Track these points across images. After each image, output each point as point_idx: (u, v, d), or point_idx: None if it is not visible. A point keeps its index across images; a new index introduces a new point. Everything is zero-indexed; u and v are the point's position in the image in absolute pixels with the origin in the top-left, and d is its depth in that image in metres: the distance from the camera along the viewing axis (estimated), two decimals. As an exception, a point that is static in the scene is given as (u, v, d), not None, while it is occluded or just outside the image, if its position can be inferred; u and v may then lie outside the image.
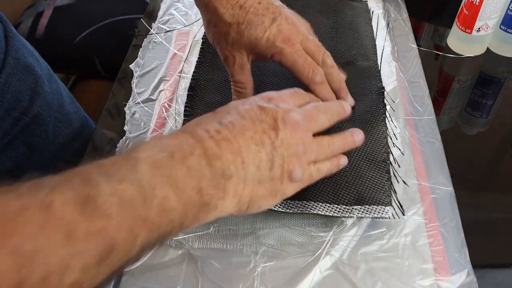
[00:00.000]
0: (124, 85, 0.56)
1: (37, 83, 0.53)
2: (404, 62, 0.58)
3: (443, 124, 0.55)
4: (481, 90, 0.60)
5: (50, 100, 0.56)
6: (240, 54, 0.46)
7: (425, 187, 0.44)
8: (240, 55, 0.46)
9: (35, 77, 0.53)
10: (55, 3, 0.99)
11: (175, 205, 0.29)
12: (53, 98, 0.56)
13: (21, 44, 0.53)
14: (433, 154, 0.48)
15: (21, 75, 0.52)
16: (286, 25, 0.45)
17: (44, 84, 0.55)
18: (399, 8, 0.67)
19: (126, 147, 0.49)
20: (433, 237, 0.41)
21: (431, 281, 0.38)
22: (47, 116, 0.55)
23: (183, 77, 0.56)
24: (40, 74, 0.54)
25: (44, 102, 0.54)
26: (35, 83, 0.53)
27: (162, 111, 0.52)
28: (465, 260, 0.39)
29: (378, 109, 0.50)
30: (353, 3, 0.66)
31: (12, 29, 0.53)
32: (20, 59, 0.52)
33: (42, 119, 0.54)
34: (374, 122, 0.49)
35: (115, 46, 0.94)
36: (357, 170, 0.44)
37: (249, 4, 0.44)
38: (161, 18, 0.66)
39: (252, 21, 0.44)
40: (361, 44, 0.59)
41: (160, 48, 0.61)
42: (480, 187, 0.49)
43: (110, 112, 0.54)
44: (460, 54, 0.63)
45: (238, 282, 0.38)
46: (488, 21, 0.59)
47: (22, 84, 0.52)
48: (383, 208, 0.41)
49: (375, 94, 0.52)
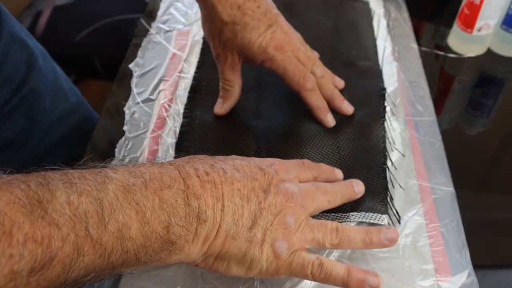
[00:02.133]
0: (123, 85, 0.56)
1: (31, 56, 0.54)
2: (405, 62, 0.58)
3: (443, 124, 0.55)
4: (482, 90, 0.60)
5: (45, 73, 0.56)
6: (231, 54, 0.46)
7: (425, 187, 0.44)
8: (232, 55, 0.46)
9: (29, 51, 0.54)
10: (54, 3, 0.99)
11: (135, 235, 0.28)
12: (48, 72, 0.57)
13: (14, 22, 0.54)
14: (433, 154, 0.48)
15: (16, 48, 0.52)
16: (280, 34, 0.45)
17: (39, 59, 0.56)
18: (399, 8, 0.67)
19: (126, 147, 0.48)
20: (433, 238, 0.40)
21: (431, 281, 0.38)
22: (44, 88, 0.56)
23: (182, 77, 0.56)
24: (34, 49, 0.55)
25: (39, 75, 0.55)
26: (29, 57, 0.54)
27: (161, 111, 0.52)
28: (465, 261, 0.39)
29: (378, 112, 0.50)
30: (355, 3, 0.66)
31: (4, 8, 0.53)
32: (14, 33, 0.53)
33: (39, 91, 0.55)
34: (373, 126, 0.48)
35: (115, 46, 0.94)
36: (354, 177, 0.43)
37: (248, 6, 0.44)
38: (160, 17, 0.65)
39: (248, 24, 0.44)
40: (362, 44, 0.59)
41: (159, 48, 0.61)
42: (481, 187, 0.49)
43: (110, 112, 0.54)
44: (461, 54, 0.63)
45: (238, 282, 0.38)
46: (489, 20, 0.59)
47: (18, 56, 0.53)
48: (379, 216, 0.41)
49: (376, 95, 0.52)
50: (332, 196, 0.38)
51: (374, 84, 0.53)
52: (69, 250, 0.25)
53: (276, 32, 0.45)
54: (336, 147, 0.46)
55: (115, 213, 0.27)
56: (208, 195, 0.31)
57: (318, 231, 0.35)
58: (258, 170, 0.35)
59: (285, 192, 0.34)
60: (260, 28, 0.44)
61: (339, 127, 0.48)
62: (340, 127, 0.48)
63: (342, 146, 0.46)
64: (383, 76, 0.55)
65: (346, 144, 0.46)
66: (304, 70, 0.46)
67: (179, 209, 0.30)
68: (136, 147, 0.48)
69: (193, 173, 0.32)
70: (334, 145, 0.46)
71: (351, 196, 0.40)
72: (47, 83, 0.57)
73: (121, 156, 0.48)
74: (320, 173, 0.40)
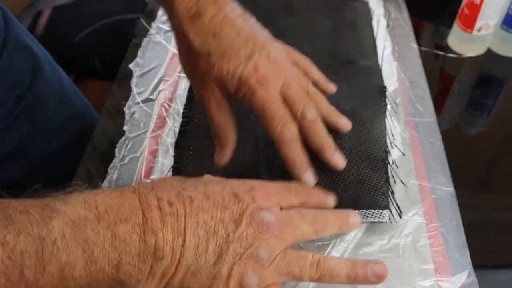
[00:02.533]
0: (123, 85, 0.56)
1: (36, 63, 0.54)
2: (405, 62, 0.58)
3: (443, 124, 0.55)
4: (482, 90, 0.60)
5: (50, 80, 0.56)
6: (211, 89, 0.38)
7: (425, 187, 0.44)
8: (212, 91, 0.38)
9: (35, 58, 0.54)
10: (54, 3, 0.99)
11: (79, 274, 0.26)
12: (53, 79, 0.57)
13: (19, 28, 0.54)
14: (433, 154, 0.48)
15: (21, 54, 0.52)
16: (266, 63, 0.37)
17: (44, 65, 0.55)
18: (399, 8, 0.67)
19: (126, 147, 0.48)
20: (433, 238, 0.40)
21: (431, 281, 0.38)
22: (48, 95, 0.55)
23: (182, 77, 0.56)
24: (39, 55, 0.55)
25: (44, 82, 0.55)
26: (35, 63, 0.54)
27: (161, 111, 0.52)
28: (466, 261, 0.39)
29: (379, 107, 0.50)
30: (354, 3, 0.66)
31: (10, 14, 0.53)
32: (19, 39, 0.52)
33: (43, 98, 0.55)
34: (374, 121, 0.48)
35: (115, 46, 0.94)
36: (355, 172, 0.43)
37: (225, 34, 0.37)
38: (160, 17, 0.65)
39: (225, 53, 0.37)
40: (361, 44, 0.59)
41: (159, 48, 0.61)
42: (481, 187, 0.49)
43: (110, 112, 0.54)
44: (461, 54, 0.63)
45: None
46: (489, 20, 0.59)
47: (23, 63, 0.52)
48: (380, 212, 0.41)
49: (376, 92, 0.52)
50: (321, 226, 0.34)
51: (374, 81, 0.53)
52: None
53: (261, 62, 0.37)
54: (337, 141, 0.46)
55: (58, 252, 0.25)
56: (168, 229, 0.29)
57: (295, 264, 0.32)
58: (231, 198, 0.32)
59: (259, 222, 0.31)
60: (240, 57, 0.36)
61: None
62: None
63: (343, 140, 0.46)
64: (383, 76, 0.55)
65: (347, 138, 0.47)
66: (286, 116, 0.38)
67: (133, 247, 0.27)
68: (136, 147, 0.48)
69: (154, 204, 0.29)
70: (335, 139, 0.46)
71: (343, 228, 0.36)
72: (52, 90, 0.56)
73: (121, 156, 0.48)
74: (309, 199, 0.36)
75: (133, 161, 0.47)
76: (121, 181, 0.45)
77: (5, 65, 0.50)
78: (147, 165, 0.47)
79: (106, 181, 0.46)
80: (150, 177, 0.45)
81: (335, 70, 0.52)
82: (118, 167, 0.47)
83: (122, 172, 0.46)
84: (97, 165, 0.49)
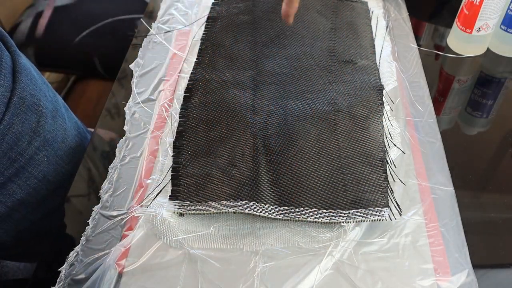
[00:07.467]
0: (124, 85, 0.56)
1: (39, 122, 0.50)
2: (404, 62, 0.58)
3: (443, 124, 0.55)
4: (481, 90, 0.60)
5: (51, 139, 0.52)
6: None
7: (425, 187, 0.44)
8: None
9: (38, 116, 0.50)
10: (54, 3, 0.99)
11: None
12: (56, 136, 0.53)
13: (29, 78, 0.50)
14: (433, 154, 0.48)
15: (24, 115, 0.48)
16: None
17: (47, 123, 0.52)
18: (399, 8, 0.67)
19: (126, 147, 0.49)
20: (433, 237, 0.41)
21: (431, 281, 0.38)
22: (45, 156, 0.52)
23: (182, 77, 0.56)
24: (44, 112, 0.51)
25: (42, 143, 0.51)
26: (37, 123, 0.50)
27: (162, 111, 0.52)
28: (465, 260, 0.39)
29: (376, 106, 0.50)
30: (353, 3, 0.66)
31: (21, 61, 0.49)
32: (25, 98, 0.48)
33: (38, 160, 0.51)
34: (371, 119, 0.49)
35: (115, 46, 0.94)
36: (353, 170, 0.44)
37: None
38: (161, 18, 0.66)
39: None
40: (360, 44, 0.59)
41: (160, 48, 0.61)
42: (480, 187, 0.49)
43: (110, 112, 0.54)
44: (460, 54, 0.63)
45: (238, 282, 0.38)
46: (488, 21, 0.59)
47: (24, 125, 0.48)
48: (379, 210, 0.41)
49: (373, 91, 0.52)
50: None
51: (371, 80, 0.54)
52: None
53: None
54: (335, 140, 0.46)
55: None
56: None
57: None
58: None
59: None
60: None
61: (338, 120, 0.48)
62: (338, 121, 0.48)
63: (341, 138, 0.47)
64: (383, 76, 0.55)
65: (345, 136, 0.47)
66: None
67: None
68: (136, 147, 0.49)
69: None
70: (333, 138, 0.47)
71: None
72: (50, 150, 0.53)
73: (121, 156, 0.48)
74: None
75: (134, 161, 0.47)
76: (121, 181, 0.46)
77: (3, 129, 0.46)
78: (147, 165, 0.47)
79: (106, 181, 0.46)
80: (150, 177, 0.45)
81: (333, 70, 0.52)
82: (118, 167, 0.47)
83: (123, 172, 0.46)
84: (97, 165, 0.49)
